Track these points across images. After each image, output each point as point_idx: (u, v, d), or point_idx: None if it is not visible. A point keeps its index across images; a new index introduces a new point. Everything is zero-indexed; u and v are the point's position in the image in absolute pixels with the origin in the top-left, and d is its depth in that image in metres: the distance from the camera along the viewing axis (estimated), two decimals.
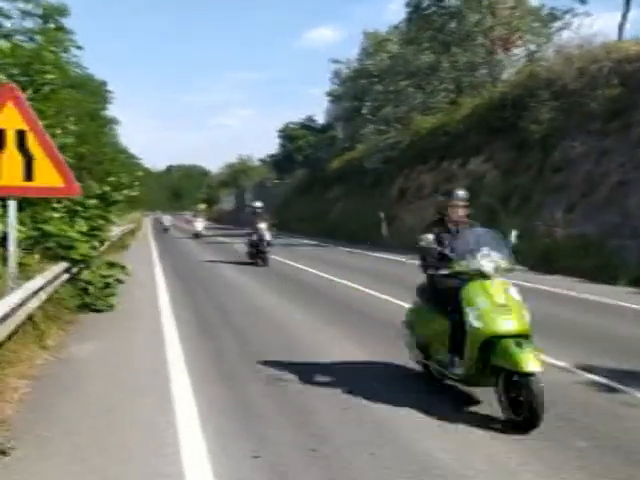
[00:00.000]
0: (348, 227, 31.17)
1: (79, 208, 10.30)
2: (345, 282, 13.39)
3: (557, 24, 30.94)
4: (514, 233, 5.63)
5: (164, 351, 7.17)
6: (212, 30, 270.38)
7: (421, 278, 6.08)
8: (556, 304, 10.81)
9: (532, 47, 31.23)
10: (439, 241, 5.65)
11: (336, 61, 47.51)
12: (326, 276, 14.63)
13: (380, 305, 10.61)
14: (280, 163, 58.82)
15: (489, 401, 5.38)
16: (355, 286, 12.78)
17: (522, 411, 4.63)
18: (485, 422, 4.89)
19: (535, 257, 16.21)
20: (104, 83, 40.22)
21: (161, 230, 42.21)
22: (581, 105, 18.92)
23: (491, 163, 23.01)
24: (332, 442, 4.48)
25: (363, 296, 11.67)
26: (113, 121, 47.74)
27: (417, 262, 6.06)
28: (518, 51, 31.57)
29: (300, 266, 17.08)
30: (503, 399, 4.82)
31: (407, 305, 6.64)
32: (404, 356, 6.29)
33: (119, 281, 10.62)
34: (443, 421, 4.92)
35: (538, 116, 20.36)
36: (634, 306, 10.41)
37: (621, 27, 25.54)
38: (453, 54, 31.99)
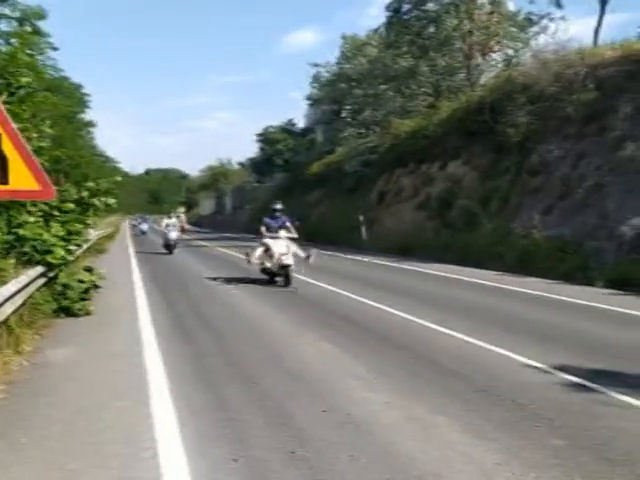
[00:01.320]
0: (328, 230, 31.21)
1: (56, 212, 10.19)
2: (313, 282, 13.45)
3: (534, 29, 31.43)
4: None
5: (141, 355, 7.11)
6: (194, 34, 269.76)
7: None
8: (532, 306, 10.92)
9: (509, 52, 31.62)
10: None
11: (315, 64, 47.73)
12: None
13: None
14: (260, 166, 58.81)
15: (464, 400, 5.43)
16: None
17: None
18: (461, 422, 4.93)
19: (513, 259, 16.41)
20: (80, 86, 39.94)
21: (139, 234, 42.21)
22: (557, 109, 19.17)
23: (469, 166, 23.21)
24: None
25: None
26: (90, 124, 47.43)
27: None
28: (496, 56, 31.95)
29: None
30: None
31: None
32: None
33: (96, 286, 10.52)
34: (422, 420, 4.95)
35: (515, 120, 20.59)
36: (610, 307, 10.55)
37: (596, 32, 25.98)
38: (431, 58, 32.29)
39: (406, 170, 28.17)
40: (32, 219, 9.54)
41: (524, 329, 8.68)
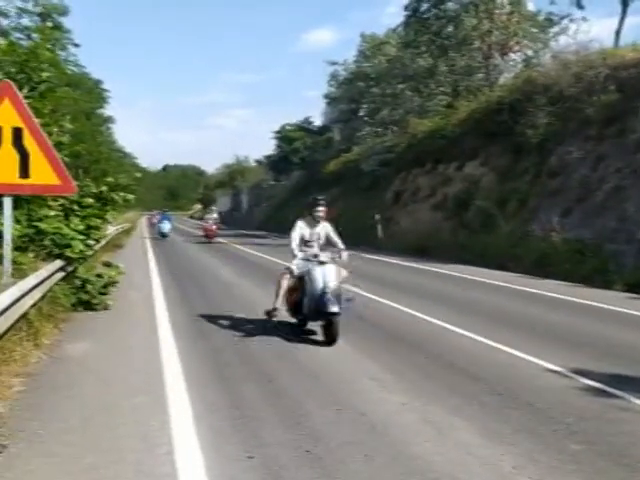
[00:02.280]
0: (344, 229, 31.09)
1: (75, 207, 10.27)
2: None
3: (554, 29, 31.15)
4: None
5: (159, 350, 7.15)
6: (211, 32, 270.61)
7: None
8: (551, 309, 10.83)
9: (529, 52, 31.36)
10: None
11: (333, 63, 47.64)
12: None
13: None
14: (276, 164, 58.84)
15: (482, 404, 5.40)
16: None
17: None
18: (479, 425, 4.90)
19: (531, 261, 16.28)
20: (100, 82, 40.23)
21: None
22: (578, 111, 19.00)
23: (487, 167, 23.07)
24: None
25: None
26: (109, 120, 47.76)
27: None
28: (515, 56, 31.69)
29: None
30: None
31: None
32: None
33: (114, 282, 10.59)
34: (437, 424, 4.93)
35: (535, 121, 20.44)
36: (629, 311, 10.44)
37: (618, 33, 25.71)
38: (450, 58, 32.11)
39: (423, 170, 28.07)
40: (52, 213, 9.62)
41: (543, 332, 8.61)
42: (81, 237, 9.80)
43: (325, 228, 8.65)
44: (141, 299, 11.16)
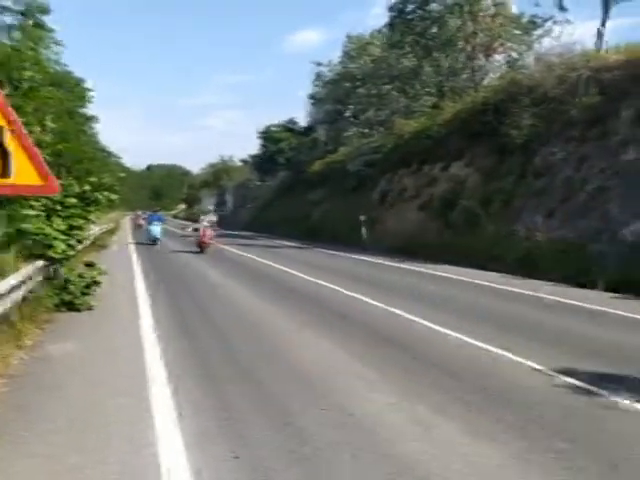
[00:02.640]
0: (330, 229, 31.20)
1: (58, 207, 10.18)
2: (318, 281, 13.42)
3: (538, 32, 31.36)
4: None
5: (142, 350, 7.09)
6: (197, 33, 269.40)
7: None
8: (535, 308, 10.90)
9: (513, 54, 31.55)
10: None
11: (318, 63, 47.66)
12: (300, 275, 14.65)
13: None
14: (262, 164, 58.76)
15: (468, 403, 5.41)
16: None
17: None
18: (465, 424, 4.91)
19: (515, 261, 16.37)
20: (82, 80, 39.85)
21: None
22: (561, 112, 19.14)
23: (472, 167, 23.17)
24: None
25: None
26: (93, 119, 47.34)
27: None
28: (499, 57, 31.88)
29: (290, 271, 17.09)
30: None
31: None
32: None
33: (96, 283, 10.50)
34: (424, 423, 4.93)
35: (519, 122, 20.54)
36: (612, 310, 10.51)
37: (600, 36, 25.89)
38: (435, 59, 32.23)
39: (409, 170, 28.14)
40: (34, 213, 9.53)
41: (527, 331, 8.66)
42: (63, 237, 9.73)
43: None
44: (124, 298, 11.08)
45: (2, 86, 9.16)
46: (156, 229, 26.27)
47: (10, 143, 7.60)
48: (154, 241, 25.85)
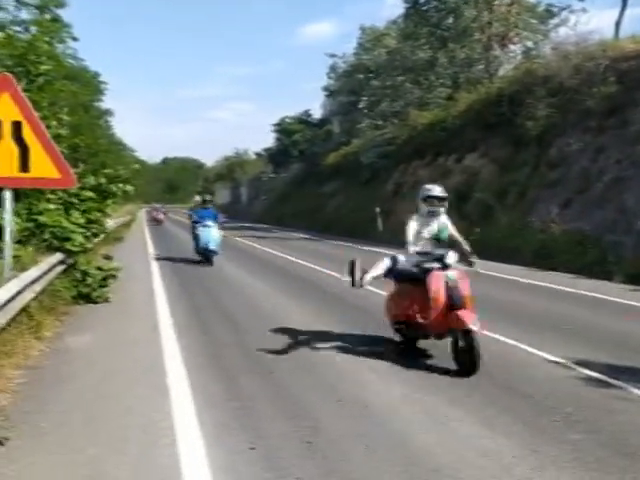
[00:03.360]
0: (344, 222, 31.17)
1: (74, 200, 10.26)
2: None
3: (554, 21, 31.03)
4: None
5: (160, 343, 7.17)
6: (210, 25, 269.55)
7: None
8: (551, 300, 10.85)
9: (529, 44, 31.25)
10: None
11: (332, 55, 47.50)
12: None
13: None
14: (276, 157, 58.79)
15: (483, 394, 5.41)
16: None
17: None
18: (479, 416, 4.92)
19: (531, 253, 16.29)
20: (97, 74, 40.05)
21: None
22: (577, 102, 18.96)
23: (487, 159, 23.03)
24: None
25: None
26: (108, 113, 47.58)
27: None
28: (515, 47, 31.58)
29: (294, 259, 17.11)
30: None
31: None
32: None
33: (114, 276, 10.59)
34: (437, 415, 4.95)
35: (534, 113, 20.38)
36: (629, 302, 10.45)
37: (618, 24, 25.59)
38: (450, 50, 31.99)
39: (423, 162, 28.03)
40: (52, 206, 9.62)
41: (544, 323, 8.63)
42: (81, 230, 9.81)
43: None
44: (142, 291, 11.17)
45: (18, 80, 9.23)
46: (210, 234, 15.44)
47: (28, 137, 7.72)
48: (206, 255, 15.58)
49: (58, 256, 9.07)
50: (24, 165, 7.66)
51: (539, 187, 19.11)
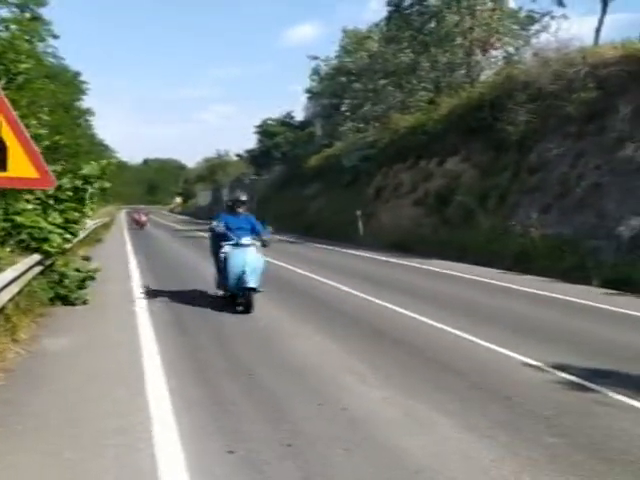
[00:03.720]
0: (325, 224, 31.18)
1: (52, 200, 10.15)
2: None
3: (535, 27, 31.34)
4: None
5: (138, 345, 7.10)
6: (194, 25, 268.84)
7: None
8: (530, 304, 10.93)
9: (510, 49, 31.53)
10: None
11: (315, 57, 47.49)
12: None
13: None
14: (258, 159, 58.68)
15: (461, 398, 5.43)
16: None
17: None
18: (459, 418, 4.93)
19: (511, 257, 16.40)
20: (78, 73, 39.74)
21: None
22: (557, 108, 19.14)
23: (468, 163, 23.17)
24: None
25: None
26: (88, 112, 47.18)
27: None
28: (496, 53, 31.84)
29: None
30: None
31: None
32: None
33: (92, 277, 10.48)
34: (418, 417, 4.95)
35: (515, 118, 20.53)
36: (607, 307, 10.55)
37: (598, 31, 25.93)
38: (432, 54, 32.16)
39: (405, 165, 28.12)
40: (29, 207, 9.51)
41: (523, 327, 8.68)
42: (59, 231, 9.71)
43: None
44: (120, 292, 11.07)
45: None
46: (245, 256, 9.53)
47: (7, 136, 7.60)
48: (241, 288, 9.39)
49: (35, 257, 8.96)
50: (2, 164, 7.53)
51: (520, 192, 19.26)
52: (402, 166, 28.31)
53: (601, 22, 26.12)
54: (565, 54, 20.48)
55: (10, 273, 7.31)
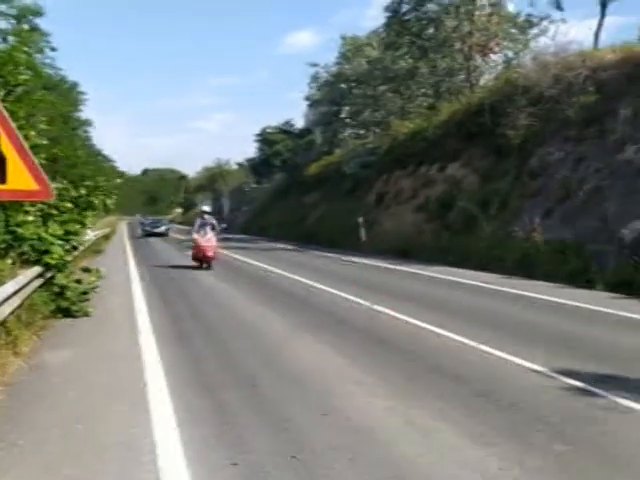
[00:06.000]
0: (326, 232, 31.15)
1: (53, 212, 10.12)
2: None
3: (534, 31, 31.38)
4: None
5: (140, 358, 7.04)
6: (191, 35, 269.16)
7: None
8: (534, 309, 10.87)
9: (509, 54, 31.58)
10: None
11: (314, 64, 47.57)
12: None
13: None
14: (258, 167, 58.79)
15: (466, 405, 5.38)
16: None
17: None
18: (464, 427, 4.88)
19: (513, 262, 16.35)
20: (76, 84, 39.86)
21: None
22: (557, 112, 19.14)
23: (469, 168, 23.15)
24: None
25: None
26: (87, 123, 47.29)
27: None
28: (496, 57, 31.90)
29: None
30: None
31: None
32: None
33: (93, 288, 10.43)
34: (421, 426, 4.90)
35: (515, 122, 20.54)
36: (612, 311, 10.48)
37: (597, 35, 25.93)
38: (431, 59, 32.21)
39: (405, 172, 28.11)
40: (30, 218, 9.47)
41: (526, 333, 8.63)
42: (60, 242, 9.67)
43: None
44: (122, 303, 11.02)
45: None
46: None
47: (5, 148, 7.58)
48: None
49: (36, 269, 8.92)
50: (1, 177, 7.52)
51: (521, 196, 19.23)
52: (403, 172, 28.31)
53: (600, 26, 26.14)
54: (564, 58, 20.49)
55: (12, 286, 7.27)
